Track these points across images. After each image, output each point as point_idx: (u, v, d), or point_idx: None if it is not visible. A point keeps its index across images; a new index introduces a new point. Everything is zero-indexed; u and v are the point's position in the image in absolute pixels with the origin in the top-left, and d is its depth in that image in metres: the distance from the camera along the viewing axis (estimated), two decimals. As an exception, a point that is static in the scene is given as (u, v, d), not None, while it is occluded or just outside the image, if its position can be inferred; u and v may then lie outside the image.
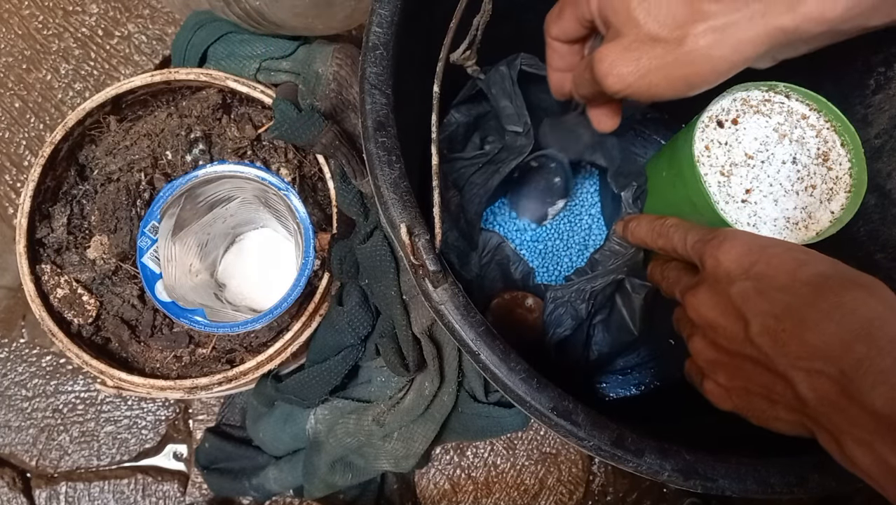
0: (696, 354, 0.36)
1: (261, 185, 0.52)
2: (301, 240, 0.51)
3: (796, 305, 0.30)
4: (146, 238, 0.45)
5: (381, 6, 0.40)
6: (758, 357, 0.32)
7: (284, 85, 0.57)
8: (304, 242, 0.46)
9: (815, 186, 0.44)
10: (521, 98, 0.53)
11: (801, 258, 0.32)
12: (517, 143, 0.54)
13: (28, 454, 0.70)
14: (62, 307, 0.56)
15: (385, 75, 0.39)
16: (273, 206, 0.57)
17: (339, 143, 0.51)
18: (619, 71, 0.37)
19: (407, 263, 0.37)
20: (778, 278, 0.32)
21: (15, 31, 0.73)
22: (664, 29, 0.35)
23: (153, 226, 0.45)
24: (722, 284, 0.34)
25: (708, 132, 0.45)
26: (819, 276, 0.31)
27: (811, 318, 0.30)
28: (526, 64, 0.53)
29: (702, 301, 0.35)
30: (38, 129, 0.72)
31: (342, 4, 0.56)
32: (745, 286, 0.33)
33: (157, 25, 0.74)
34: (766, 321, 0.31)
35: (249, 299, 0.63)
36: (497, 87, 0.54)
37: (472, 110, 0.58)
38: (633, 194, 0.54)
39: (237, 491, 0.65)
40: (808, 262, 0.32)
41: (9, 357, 0.71)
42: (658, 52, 0.35)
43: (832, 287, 0.30)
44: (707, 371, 0.36)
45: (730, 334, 0.33)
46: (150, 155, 0.57)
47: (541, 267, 0.60)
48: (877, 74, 0.47)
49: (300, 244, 0.52)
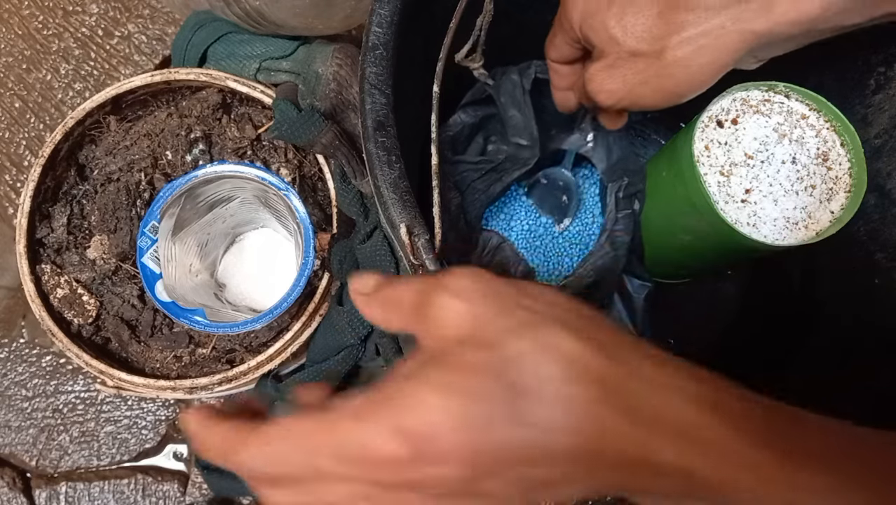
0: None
1: (261, 185, 0.52)
2: (301, 240, 0.51)
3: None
4: (146, 238, 0.44)
5: (381, 6, 0.40)
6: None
7: (284, 85, 0.57)
8: (304, 243, 0.46)
9: (815, 186, 0.44)
10: (531, 109, 0.53)
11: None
12: (522, 155, 0.54)
13: (28, 454, 0.70)
14: (62, 307, 0.56)
15: (385, 75, 0.39)
16: (273, 206, 0.57)
17: (339, 143, 0.51)
18: (607, 88, 0.38)
19: (407, 263, 0.37)
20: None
21: (15, 31, 0.73)
22: (642, 44, 0.36)
23: (153, 226, 0.45)
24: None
25: (708, 132, 0.45)
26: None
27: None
28: (540, 72, 0.53)
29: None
30: (38, 129, 0.72)
31: (342, 4, 0.56)
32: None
33: (157, 25, 0.74)
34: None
35: (250, 299, 0.63)
36: (507, 96, 0.53)
37: (478, 112, 0.58)
38: (623, 190, 0.54)
39: (237, 491, 0.65)
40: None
41: (9, 357, 0.71)
42: (640, 67, 0.37)
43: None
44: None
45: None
46: (150, 155, 0.57)
47: (541, 267, 0.60)
48: (877, 74, 0.47)
49: (300, 244, 0.52)
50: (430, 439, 0.22)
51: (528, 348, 0.23)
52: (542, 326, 0.24)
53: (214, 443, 0.25)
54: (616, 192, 0.54)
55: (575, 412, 0.22)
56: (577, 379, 0.22)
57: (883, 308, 0.47)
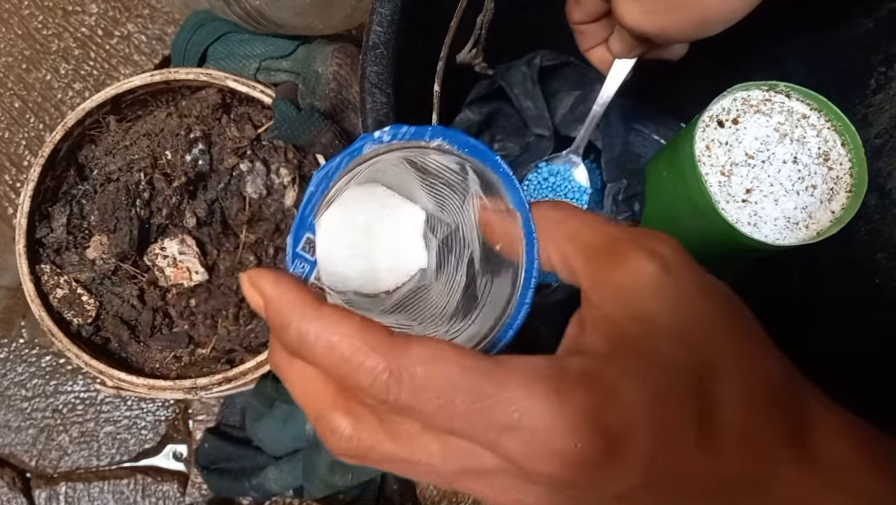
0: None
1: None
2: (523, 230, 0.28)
3: None
4: (302, 262, 0.26)
5: (381, 5, 0.40)
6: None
7: (284, 84, 0.57)
8: (527, 236, 0.27)
9: (816, 186, 0.44)
10: (541, 100, 0.53)
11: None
12: (541, 146, 0.54)
13: (28, 454, 0.70)
14: (62, 307, 0.55)
15: (385, 74, 0.39)
16: (431, 170, 0.33)
17: (338, 143, 0.51)
18: (634, 15, 0.36)
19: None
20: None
21: (15, 31, 0.73)
22: None
23: (308, 240, 0.26)
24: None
25: (708, 132, 0.45)
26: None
27: None
28: (546, 60, 0.53)
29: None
30: (38, 129, 0.72)
31: (342, 4, 0.56)
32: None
33: (157, 25, 0.74)
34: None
35: (352, 282, 0.34)
36: (519, 88, 0.53)
37: (483, 108, 0.58)
38: (623, 192, 0.54)
39: (237, 491, 0.65)
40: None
41: (8, 357, 0.71)
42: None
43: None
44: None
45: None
46: (150, 155, 0.57)
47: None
48: (877, 74, 0.47)
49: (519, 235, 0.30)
50: (626, 441, 0.18)
51: (733, 372, 0.20)
52: (755, 348, 0.21)
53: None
54: (615, 194, 0.54)
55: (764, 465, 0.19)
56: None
57: (884, 308, 0.47)
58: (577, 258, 0.23)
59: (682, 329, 0.20)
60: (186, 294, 0.58)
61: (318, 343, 0.19)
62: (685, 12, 0.35)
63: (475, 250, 0.27)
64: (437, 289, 0.28)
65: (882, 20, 0.45)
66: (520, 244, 0.25)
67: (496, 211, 0.26)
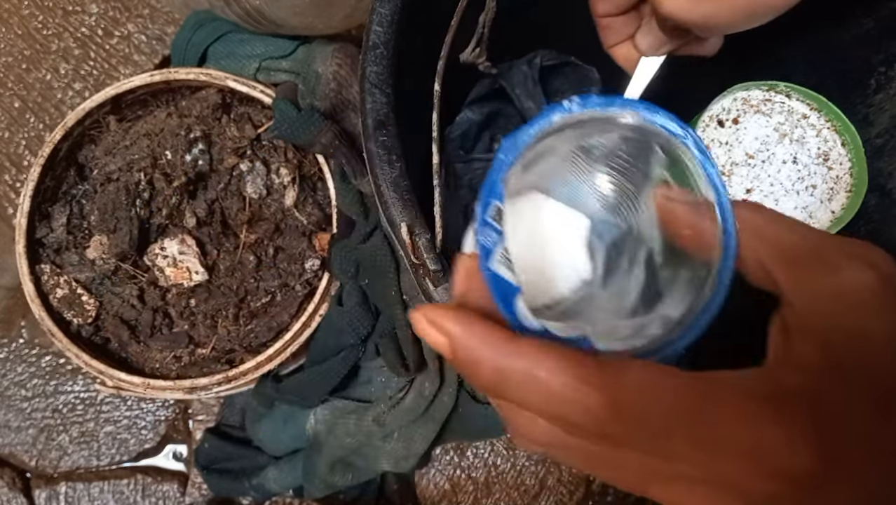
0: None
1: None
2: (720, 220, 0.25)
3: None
4: (489, 231, 0.24)
5: (381, 5, 0.40)
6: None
7: (284, 84, 0.57)
8: (724, 223, 0.24)
9: (816, 186, 0.44)
10: (543, 100, 0.53)
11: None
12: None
13: (28, 454, 0.70)
14: (62, 307, 0.55)
15: (385, 74, 0.39)
16: (607, 154, 0.29)
17: (338, 143, 0.51)
18: (674, 2, 0.33)
19: (407, 262, 0.37)
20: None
21: (15, 31, 0.73)
22: None
23: (496, 208, 0.23)
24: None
25: (708, 132, 0.45)
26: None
27: None
28: (547, 60, 0.53)
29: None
30: (38, 129, 0.72)
31: (342, 4, 0.56)
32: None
33: (157, 25, 0.73)
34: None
35: (540, 293, 0.30)
36: (521, 88, 0.53)
37: (483, 108, 0.58)
38: None
39: (237, 491, 0.65)
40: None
41: (8, 357, 0.71)
42: None
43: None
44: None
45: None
46: (150, 155, 0.57)
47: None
48: (877, 74, 0.47)
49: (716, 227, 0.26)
50: (845, 462, 0.18)
51: None
52: None
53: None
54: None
55: None
56: None
57: (884, 308, 0.47)
58: (777, 262, 0.21)
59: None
60: (186, 294, 0.58)
61: (523, 382, 0.19)
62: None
63: (655, 245, 0.25)
64: (605, 295, 0.26)
65: (882, 20, 0.45)
66: (712, 239, 0.22)
67: (683, 201, 0.23)
